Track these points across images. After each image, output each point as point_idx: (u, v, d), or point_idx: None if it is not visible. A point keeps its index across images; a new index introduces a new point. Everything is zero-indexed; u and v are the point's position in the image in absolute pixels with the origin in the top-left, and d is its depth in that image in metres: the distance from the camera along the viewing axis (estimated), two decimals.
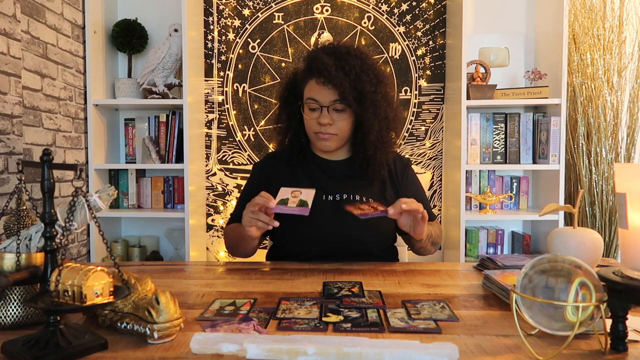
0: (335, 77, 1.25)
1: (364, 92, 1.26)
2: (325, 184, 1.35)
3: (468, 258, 2.39)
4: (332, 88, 1.27)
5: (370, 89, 1.27)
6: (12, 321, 0.80)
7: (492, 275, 1.01)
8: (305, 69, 1.35)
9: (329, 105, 1.28)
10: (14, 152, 1.79)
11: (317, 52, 1.32)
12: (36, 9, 1.92)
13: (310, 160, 1.42)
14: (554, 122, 2.25)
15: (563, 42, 2.20)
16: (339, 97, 1.27)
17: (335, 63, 1.26)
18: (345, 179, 1.37)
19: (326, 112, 1.29)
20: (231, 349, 0.66)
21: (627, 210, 0.69)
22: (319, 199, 1.32)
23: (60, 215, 0.83)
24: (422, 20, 2.56)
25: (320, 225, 1.29)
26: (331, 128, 1.30)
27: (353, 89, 1.26)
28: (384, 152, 1.34)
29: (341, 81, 1.25)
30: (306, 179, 1.38)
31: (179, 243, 2.45)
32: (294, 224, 1.29)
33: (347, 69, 1.26)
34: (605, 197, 2.34)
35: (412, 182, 1.44)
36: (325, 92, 1.28)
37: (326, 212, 1.30)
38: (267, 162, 1.48)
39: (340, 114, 1.29)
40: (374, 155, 1.32)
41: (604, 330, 0.70)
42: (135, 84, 2.39)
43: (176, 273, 1.21)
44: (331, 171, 1.39)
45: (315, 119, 1.31)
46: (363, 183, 1.37)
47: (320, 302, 0.93)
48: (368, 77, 1.28)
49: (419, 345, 0.65)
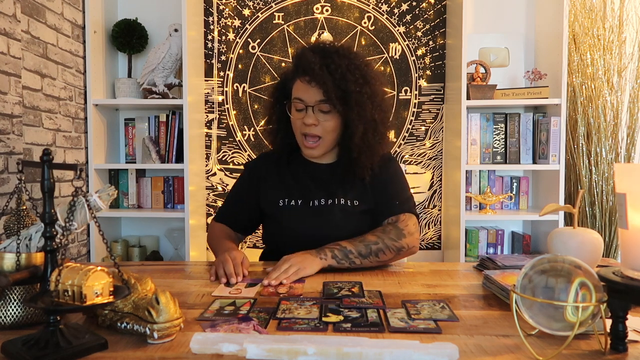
0: (319, 75, 1.22)
1: (348, 92, 1.23)
2: (311, 190, 1.35)
3: (468, 258, 2.39)
4: (317, 87, 1.24)
5: (355, 88, 1.23)
6: (12, 321, 0.80)
7: (492, 275, 1.01)
8: (292, 68, 1.32)
9: (314, 105, 1.25)
10: (14, 152, 1.78)
11: (304, 50, 1.29)
12: (36, 9, 1.92)
13: (300, 165, 1.40)
14: (554, 122, 2.25)
15: (563, 42, 2.20)
16: (324, 97, 1.24)
17: (320, 61, 1.23)
18: (330, 184, 1.35)
19: (311, 112, 1.26)
20: (231, 349, 0.66)
21: (627, 210, 0.69)
22: (305, 205, 1.33)
23: (60, 215, 0.83)
24: (422, 20, 2.56)
25: (304, 231, 1.31)
26: (316, 129, 1.27)
27: (337, 88, 1.23)
28: (369, 155, 1.29)
29: (325, 80, 1.22)
30: (294, 184, 1.37)
31: (179, 243, 2.45)
32: (282, 230, 1.34)
33: (333, 67, 1.23)
34: (605, 197, 2.34)
35: (386, 178, 1.37)
36: (310, 91, 1.25)
37: (310, 217, 1.31)
38: (258, 163, 1.46)
39: (326, 114, 1.27)
40: (358, 158, 1.28)
41: (604, 330, 0.70)
42: (135, 84, 2.39)
43: (176, 273, 1.21)
44: (318, 176, 1.37)
45: (301, 119, 1.28)
46: (346, 187, 1.34)
47: (320, 302, 0.93)
48: (354, 76, 1.24)
49: (419, 345, 0.65)
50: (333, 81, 1.22)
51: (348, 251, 1.20)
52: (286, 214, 1.34)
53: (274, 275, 1.09)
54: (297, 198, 1.34)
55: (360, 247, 1.21)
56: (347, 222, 1.31)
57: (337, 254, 1.19)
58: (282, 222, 1.34)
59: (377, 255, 1.22)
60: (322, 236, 1.25)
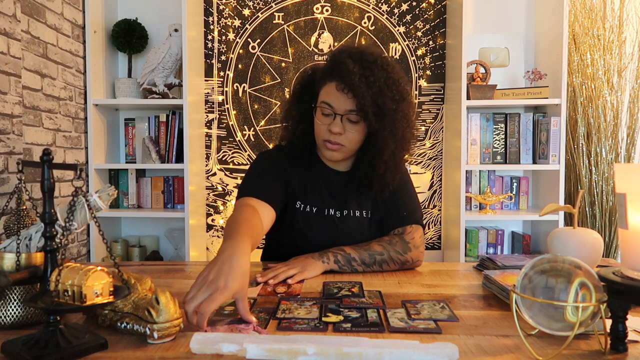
0: (357, 86, 1.16)
1: (384, 108, 1.18)
2: (326, 199, 1.32)
3: (468, 258, 2.39)
4: (352, 97, 1.18)
5: (392, 106, 1.18)
6: (12, 321, 0.80)
7: (492, 276, 1.01)
8: (326, 70, 1.25)
9: (343, 114, 1.20)
10: (14, 152, 1.79)
11: (342, 55, 1.22)
12: (36, 9, 1.92)
13: (316, 168, 1.35)
14: (554, 122, 2.25)
15: (563, 42, 2.20)
16: (356, 108, 1.18)
17: (360, 71, 1.17)
18: (345, 194, 1.33)
19: (339, 121, 1.20)
20: (231, 349, 0.66)
21: (627, 210, 0.69)
22: (321, 212, 1.31)
23: (60, 215, 0.83)
24: (422, 20, 2.56)
25: (318, 238, 1.29)
26: (341, 138, 1.22)
27: (373, 103, 1.17)
28: (394, 173, 1.26)
29: (363, 92, 1.16)
30: (311, 189, 1.33)
31: (179, 243, 2.45)
32: (294, 233, 1.31)
33: (372, 79, 1.17)
34: (605, 197, 2.34)
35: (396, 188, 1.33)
36: (342, 99, 1.19)
37: (324, 226, 1.30)
38: (279, 153, 1.36)
39: (354, 125, 1.21)
40: (383, 175, 1.25)
41: (604, 330, 0.70)
42: (135, 84, 2.39)
43: (176, 273, 1.21)
44: (333, 184, 1.34)
45: (326, 125, 1.22)
46: (360, 197, 1.32)
47: (320, 302, 0.93)
48: (391, 92, 1.19)
49: (418, 345, 0.65)
50: (370, 94, 1.17)
51: (351, 258, 1.19)
52: (302, 218, 1.31)
53: (272, 274, 1.08)
54: (312, 204, 1.31)
55: (365, 255, 1.20)
56: (361, 233, 1.30)
57: (339, 260, 1.18)
58: (294, 225, 1.31)
59: (380, 265, 1.21)
60: (336, 242, 1.25)
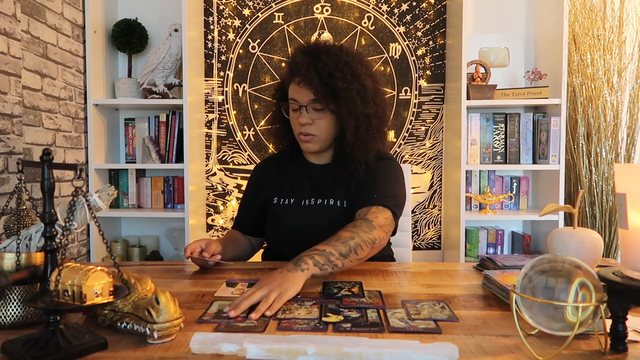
0: (306, 75, 1.24)
1: (336, 89, 1.24)
2: (304, 190, 1.37)
3: (468, 258, 2.39)
4: (309, 87, 1.25)
5: (343, 85, 1.24)
6: (12, 321, 0.80)
7: (492, 276, 1.01)
8: (287, 70, 1.34)
9: (307, 105, 1.27)
10: (14, 152, 1.78)
11: (296, 51, 1.32)
12: (36, 9, 1.92)
13: (298, 165, 1.42)
14: (554, 122, 2.25)
15: (563, 42, 2.20)
16: (315, 96, 1.26)
17: (309, 61, 1.25)
18: (322, 185, 1.36)
19: (305, 112, 1.28)
20: (231, 349, 0.66)
21: (627, 210, 0.69)
22: (297, 204, 1.36)
23: (60, 215, 0.83)
24: (422, 20, 2.56)
25: (296, 227, 1.33)
26: (311, 128, 1.29)
27: (325, 87, 1.24)
28: (362, 150, 1.29)
29: (312, 79, 1.24)
30: (290, 184, 1.39)
31: (179, 243, 2.45)
32: (276, 227, 1.37)
33: (320, 66, 1.24)
34: (605, 197, 2.34)
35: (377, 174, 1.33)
36: (302, 91, 1.27)
37: (300, 214, 1.34)
38: (264, 166, 1.50)
39: (319, 112, 1.28)
40: (351, 153, 1.29)
41: (603, 330, 0.70)
42: (135, 84, 2.39)
43: (176, 273, 1.21)
44: (312, 176, 1.39)
45: (296, 119, 1.30)
46: (338, 187, 1.34)
47: (320, 302, 0.93)
48: (342, 74, 1.25)
49: (418, 345, 0.65)
50: (320, 80, 1.24)
51: (328, 253, 1.07)
52: (279, 211, 1.37)
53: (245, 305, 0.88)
54: (290, 197, 1.37)
55: (339, 246, 1.10)
56: (336, 221, 1.25)
57: (318, 260, 1.04)
58: (276, 220, 1.37)
59: (356, 251, 1.12)
60: (314, 231, 1.20)
